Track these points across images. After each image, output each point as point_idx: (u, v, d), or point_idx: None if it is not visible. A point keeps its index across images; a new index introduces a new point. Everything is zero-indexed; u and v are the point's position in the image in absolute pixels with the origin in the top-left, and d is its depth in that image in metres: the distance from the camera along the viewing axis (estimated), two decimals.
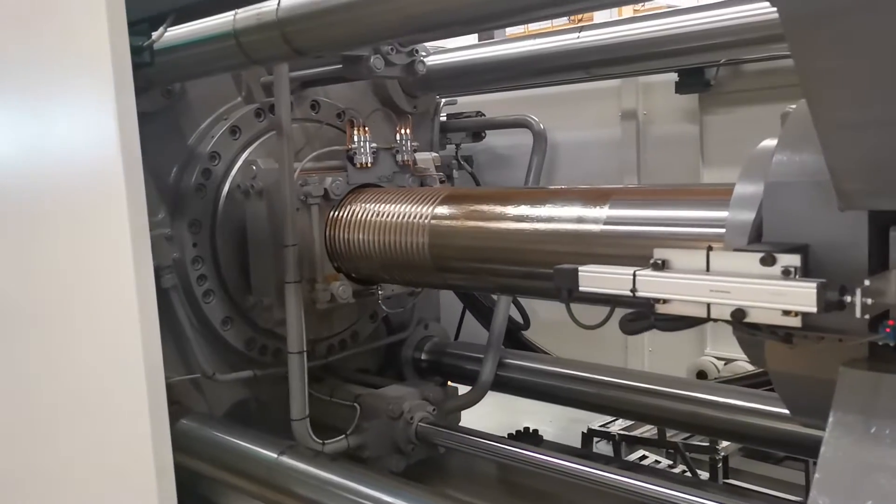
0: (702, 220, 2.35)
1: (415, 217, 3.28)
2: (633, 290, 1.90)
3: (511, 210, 2.93)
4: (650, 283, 1.86)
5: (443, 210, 3.22)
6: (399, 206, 3.39)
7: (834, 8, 1.38)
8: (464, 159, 4.98)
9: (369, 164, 3.78)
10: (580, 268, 2.02)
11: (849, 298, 1.58)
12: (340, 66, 3.58)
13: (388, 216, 3.41)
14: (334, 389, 3.80)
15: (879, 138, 1.53)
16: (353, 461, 3.39)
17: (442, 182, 4.25)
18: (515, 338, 4.79)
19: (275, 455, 3.09)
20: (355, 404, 3.63)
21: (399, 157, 3.89)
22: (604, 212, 2.62)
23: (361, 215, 3.56)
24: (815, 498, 1.57)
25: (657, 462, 4.33)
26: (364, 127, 3.81)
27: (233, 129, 3.74)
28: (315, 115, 3.99)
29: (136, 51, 2.71)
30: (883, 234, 1.70)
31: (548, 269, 2.14)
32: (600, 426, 4.55)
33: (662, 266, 1.89)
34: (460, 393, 4.19)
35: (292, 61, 3.28)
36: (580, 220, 2.68)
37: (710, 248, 1.81)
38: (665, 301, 1.84)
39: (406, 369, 4.42)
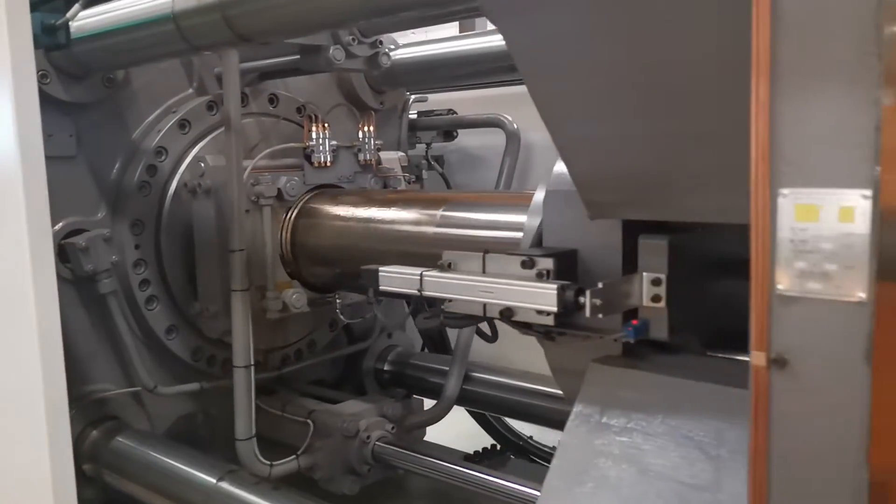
0: (513, 225, 2.45)
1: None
2: (420, 289, 2.11)
3: (361, 212, 3.16)
4: (434, 284, 2.08)
5: (308, 208, 3.41)
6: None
7: (551, 38, 1.59)
8: (434, 159, 4.73)
9: (328, 163, 3.52)
10: (380, 268, 2.23)
11: (583, 299, 1.74)
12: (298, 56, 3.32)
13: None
14: (287, 403, 3.54)
15: (609, 153, 1.71)
16: (304, 484, 3.14)
17: (410, 183, 4.01)
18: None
19: (213, 480, 2.83)
20: (308, 421, 3.37)
21: (361, 157, 3.64)
22: (438, 215, 2.82)
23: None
24: (549, 481, 1.75)
25: None
26: (324, 123, 3.55)
27: (182, 123, 3.47)
28: (273, 109, 3.73)
29: (48, 30, 2.45)
30: (635, 240, 1.85)
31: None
32: None
33: (448, 268, 2.09)
34: (426, 405, 3.94)
35: (240, 48, 3.02)
36: (417, 223, 2.90)
37: (485, 252, 2.02)
38: (450, 300, 2.05)
39: (367, 381, 4.17)
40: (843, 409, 1.08)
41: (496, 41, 3.76)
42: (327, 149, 3.52)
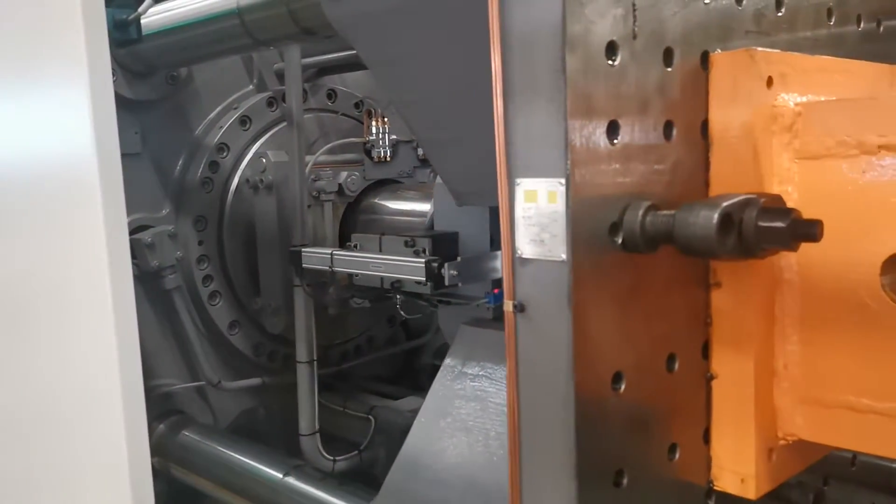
0: (421, 212, 2.95)
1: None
2: (332, 266, 2.67)
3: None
4: (342, 261, 2.67)
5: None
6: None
7: (390, 57, 2.00)
8: None
9: (388, 158, 3.50)
10: (303, 248, 2.83)
11: (443, 271, 2.23)
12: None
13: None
14: (347, 399, 3.53)
15: (453, 152, 2.03)
16: (366, 479, 3.13)
17: None
18: None
19: (280, 475, 2.83)
20: (369, 417, 3.36)
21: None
22: (400, 205, 3.24)
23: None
24: (419, 418, 2.16)
25: None
26: (383, 118, 3.53)
27: (243, 119, 3.48)
28: (331, 104, 3.73)
29: (120, 25, 2.46)
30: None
31: None
32: None
33: (355, 248, 2.62)
34: None
35: (303, 43, 3.01)
36: (386, 210, 3.29)
37: (382, 234, 2.59)
38: (357, 275, 2.60)
39: (424, 377, 4.13)
40: (557, 340, 1.39)
41: None
42: (387, 143, 3.50)
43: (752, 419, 1.57)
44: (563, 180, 1.35)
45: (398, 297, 3.47)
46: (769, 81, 1.54)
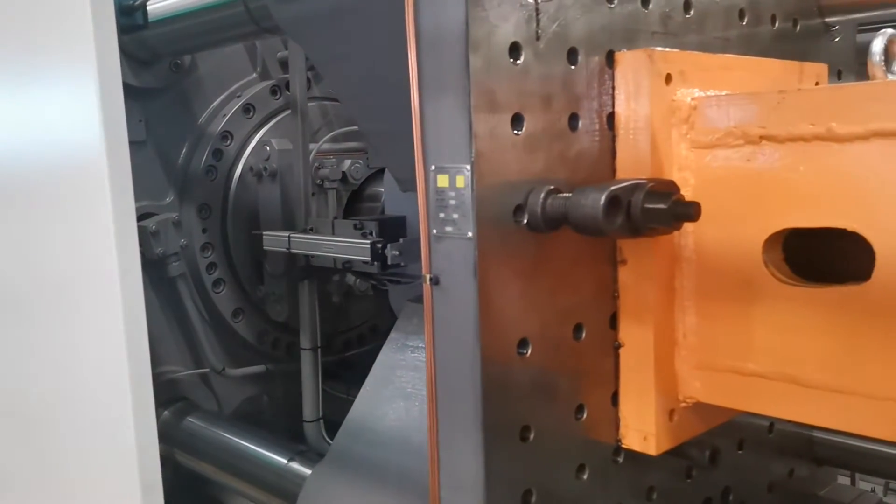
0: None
1: None
2: (289, 248, 2.87)
3: None
4: (298, 243, 2.86)
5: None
6: None
7: (331, 55, 2.18)
8: None
9: None
10: (265, 233, 3.07)
11: (387, 252, 2.48)
12: None
13: None
14: (351, 387, 3.55)
15: (388, 143, 2.19)
16: None
17: None
18: None
19: (284, 461, 2.84)
20: None
21: None
22: None
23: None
24: (364, 388, 2.29)
25: None
26: None
27: (246, 108, 3.49)
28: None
29: (126, 11, 2.47)
30: None
31: None
32: None
33: (310, 231, 2.85)
34: None
35: None
36: None
37: (335, 218, 2.84)
38: (313, 256, 2.82)
39: None
40: (465, 308, 1.53)
41: None
42: None
43: (653, 383, 1.74)
44: (468, 167, 1.49)
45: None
46: (668, 78, 1.69)
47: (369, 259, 2.48)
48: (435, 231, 1.57)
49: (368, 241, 2.49)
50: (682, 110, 1.71)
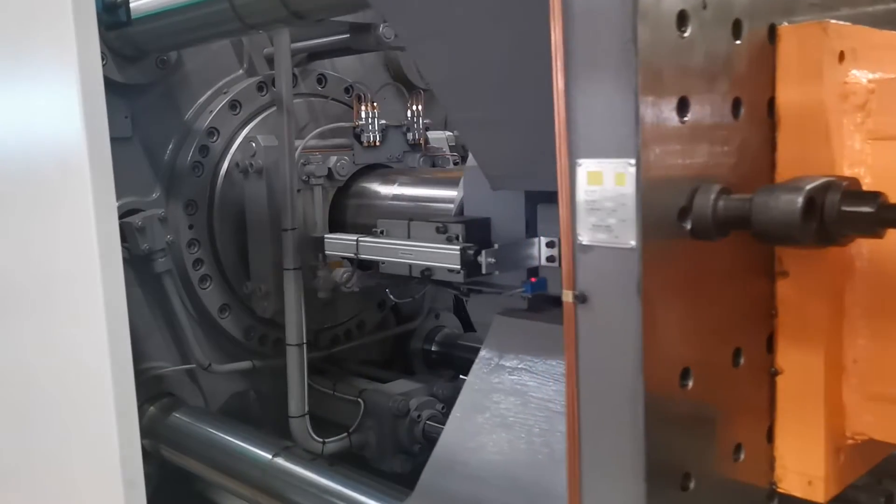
0: (448, 198, 2.75)
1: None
2: (357, 253, 2.51)
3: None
4: (368, 248, 2.49)
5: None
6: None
7: (426, 32, 1.86)
8: None
9: (377, 143, 3.52)
10: (326, 235, 2.70)
11: (480, 259, 2.08)
12: (348, 35, 3.32)
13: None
14: (337, 383, 3.56)
15: (493, 133, 1.94)
16: (355, 462, 3.17)
17: (457, 163, 3.99)
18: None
19: (269, 456, 2.86)
20: (359, 400, 3.39)
21: (410, 136, 3.63)
22: (392, 189, 3.16)
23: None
24: (454, 413, 2.07)
25: None
26: (373, 103, 3.54)
27: (233, 104, 3.49)
28: (321, 89, 3.73)
29: (109, 8, 2.47)
30: (536, 208, 2.14)
31: None
32: None
33: (381, 234, 2.46)
34: None
35: (293, 27, 3.02)
36: (377, 195, 3.26)
37: (410, 220, 2.40)
38: (383, 262, 2.43)
39: (415, 362, 4.17)
40: (624, 333, 1.30)
41: None
42: (376, 128, 3.52)
43: (822, 417, 1.47)
44: (633, 161, 1.25)
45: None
46: (841, 56, 1.43)
47: (458, 267, 2.16)
48: (583, 239, 1.34)
49: (458, 247, 2.16)
50: (856, 95, 1.44)
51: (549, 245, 2.08)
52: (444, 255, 2.20)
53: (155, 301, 3.43)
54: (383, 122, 3.55)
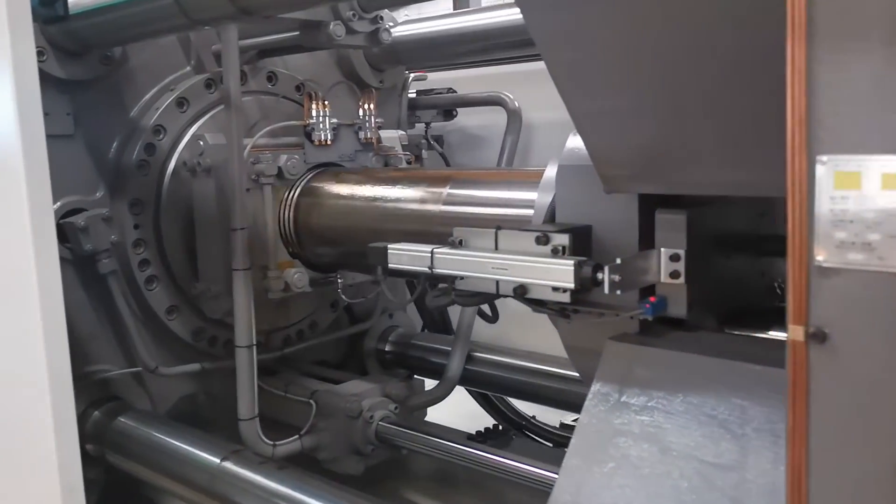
0: (521, 201, 2.39)
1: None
2: (431, 266, 2.04)
3: (364, 190, 3.10)
4: (446, 261, 2.01)
5: (310, 186, 3.36)
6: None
7: (566, 5, 1.52)
8: (434, 139, 4.68)
9: (329, 142, 3.49)
10: (389, 245, 2.15)
11: (601, 275, 1.69)
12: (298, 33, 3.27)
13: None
14: (289, 384, 3.52)
15: (623, 126, 1.66)
16: (307, 464, 3.13)
17: (410, 163, 3.97)
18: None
19: (217, 460, 2.81)
20: (311, 401, 3.36)
21: (362, 135, 3.60)
22: (444, 192, 2.76)
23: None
24: (567, 460, 1.71)
25: None
26: (324, 101, 3.51)
27: (180, 101, 3.42)
28: (272, 87, 3.68)
29: (45, 1, 2.40)
30: (652, 215, 1.81)
31: None
32: (573, 421, 4.30)
33: (459, 245, 2.03)
34: (427, 386, 3.92)
35: (241, 24, 2.97)
36: (423, 200, 2.83)
37: (498, 228, 1.95)
38: (462, 277, 1.99)
39: (369, 362, 4.15)
40: (886, 386, 1.03)
41: (497, 17, 3.72)
42: (328, 127, 3.49)
43: None
44: None
45: (340, 283, 3.48)
46: None
47: (570, 285, 1.75)
48: (823, 261, 1.08)
49: (571, 261, 1.76)
50: None
51: (673, 258, 1.78)
52: (551, 271, 1.79)
53: (100, 303, 3.35)
54: (335, 120, 3.52)
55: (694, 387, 1.64)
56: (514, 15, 3.65)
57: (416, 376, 4.05)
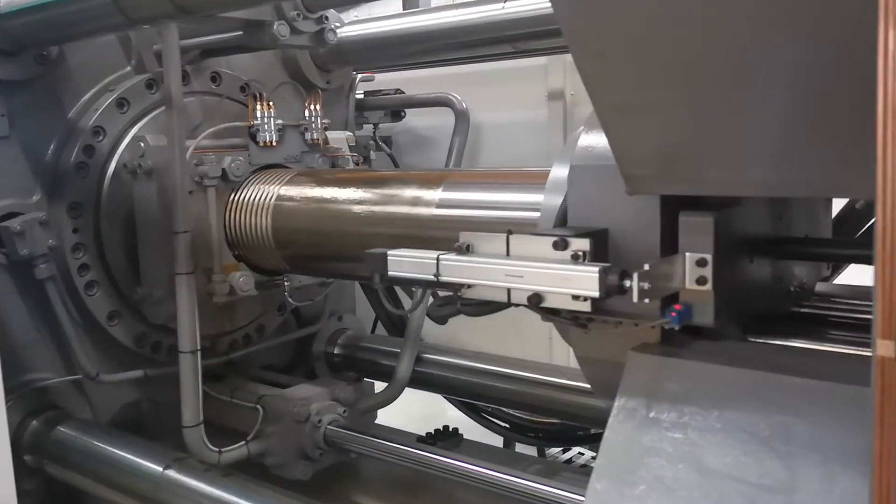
0: (525, 204, 2.28)
1: (262, 197, 3.22)
2: (437, 274, 1.87)
3: (350, 193, 2.92)
4: (453, 268, 1.84)
5: (287, 191, 3.17)
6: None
7: None
8: (382, 140, 4.68)
9: (274, 143, 3.44)
10: (389, 252, 1.97)
11: (628, 283, 1.57)
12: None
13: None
14: (235, 389, 3.47)
15: (654, 123, 1.55)
16: (255, 470, 3.08)
17: (358, 164, 3.94)
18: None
19: (160, 468, 2.75)
20: (257, 406, 3.31)
21: (308, 136, 3.56)
22: (437, 195, 2.60)
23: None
24: (593, 483, 1.56)
25: (586, 461, 4.14)
26: (269, 102, 3.46)
27: (120, 102, 3.34)
28: (216, 87, 3.62)
29: None
30: (675, 218, 1.70)
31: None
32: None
33: (466, 250, 1.87)
34: (377, 388, 3.90)
35: (181, 23, 2.91)
36: (415, 202, 2.66)
37: (509, 233, 1.80)
38: (469, 286, 1.82)
39: (317, 365, 4.11)
40: None
41: (445, 18, 3.72)
42: (272, 128, 3.44)
43: None
44: None
45: (286, 286, 3.43)
46: None
47: (595, 294, 1.61)
48: None
49: (595, 268, 1.62)
50: None
51: (700, 263, 1.66)
52: (572, 278, 1.65)
53: (38, 309, 3.26)
54: (280, 121, 3.48)
55: (730, 401, 1.53)
56: (462, 16, 3.66)
57: (365, 379, 4.04)
